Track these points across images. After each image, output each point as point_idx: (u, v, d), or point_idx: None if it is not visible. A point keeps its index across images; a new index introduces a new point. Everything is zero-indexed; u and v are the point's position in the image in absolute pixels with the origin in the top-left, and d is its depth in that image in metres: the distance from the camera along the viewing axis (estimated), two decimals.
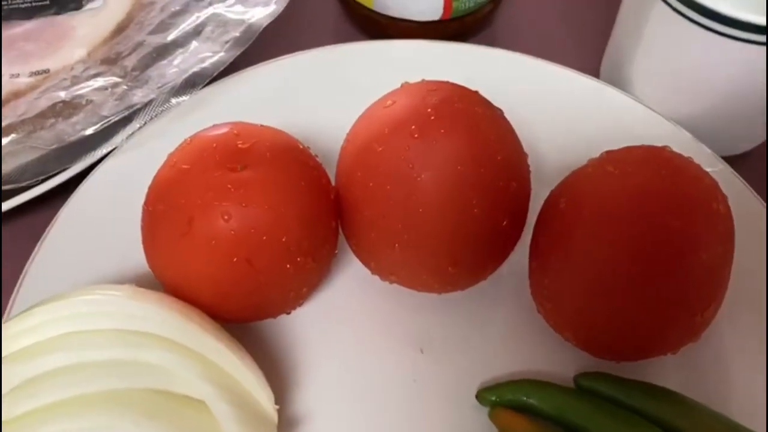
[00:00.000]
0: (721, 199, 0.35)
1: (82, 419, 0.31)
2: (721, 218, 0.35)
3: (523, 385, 0.39)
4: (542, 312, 0.40)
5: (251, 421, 0.34)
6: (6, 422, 0.31)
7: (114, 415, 0.31)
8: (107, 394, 0.32)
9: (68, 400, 0.31)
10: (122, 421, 0.31)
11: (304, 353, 0.41)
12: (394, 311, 0.43)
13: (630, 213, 0.35)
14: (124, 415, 0.31)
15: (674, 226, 0.34)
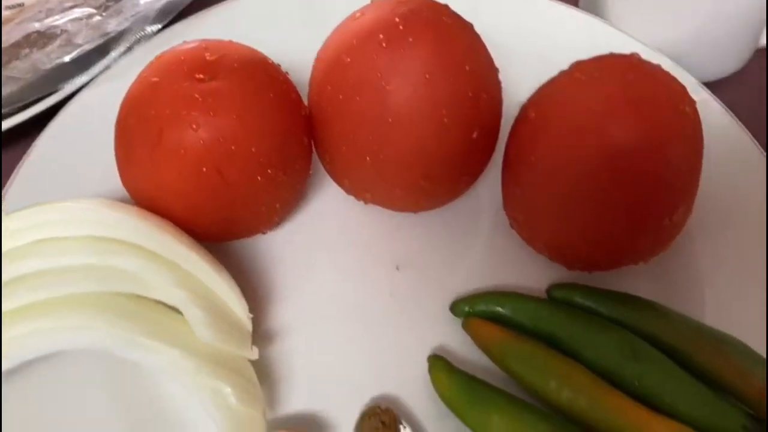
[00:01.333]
0: (689, 102, 0.35)
1: (55, 319, 0.31)
2: (688, 120, 0.35)
3: (495, 295, 0.40)
4: (515, 225, 0.41)
5: (225, 327, 0.34)
6: None
7: (87, 316, 0.31)
8: (80, 297, 0.32)
9: (42, 302, 0.32)
10: (95, 321, 0.31)
11: (281, 272, 0.42)
12: (371, 230, 0.44)
13: (596, 117, 0.35)
14: (97, 316, 0.32)
15: (640, 126, 0.34)
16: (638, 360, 0.36)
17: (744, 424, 0.33)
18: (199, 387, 0.32)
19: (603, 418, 0.34)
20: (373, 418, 0.36)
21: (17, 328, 0.31)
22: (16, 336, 0.31)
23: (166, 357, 0.32)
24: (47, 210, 0.33)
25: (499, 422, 0.34)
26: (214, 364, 0.33)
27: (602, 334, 0.37)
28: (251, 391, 0.34)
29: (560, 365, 0.36)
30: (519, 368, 0.37)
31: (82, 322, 0.31)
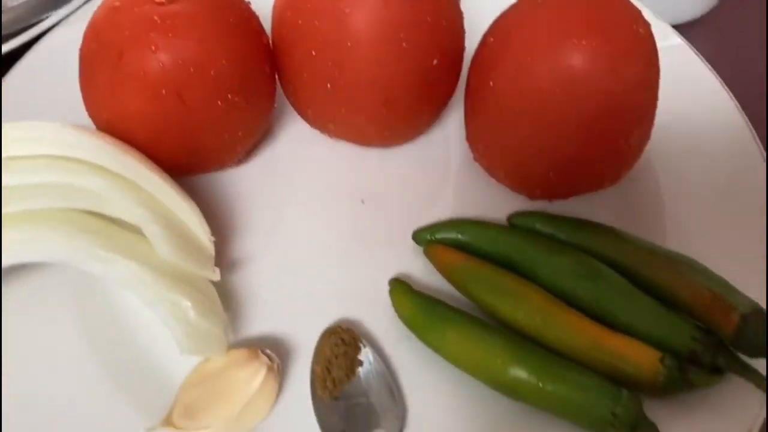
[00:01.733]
0: (643, 24, 0.36)
1: (13, 231, 0.32)
2: (643, 41, 0.36)
3: (456, 223, 0.40)
4: (477, 155, 0.41)
5: (185, 247, 0.35)
6: None
7: (45, 229, 0.32)
8: (39, 212, 0.33)
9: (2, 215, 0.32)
10: (55, 235, 0.32)
11: (247, 205, 0.42)
12: (338, 165, 0.44)
13: (551, 39, 0.35)
14: (57, 230, 0.32)
15: (594, 47, 0.34)
16: (593, 279, 0.36)
17: (694, 336, 0.34)
18: (157, 299, 0.32)
19: (558, 335, 0.35)
20: (333, 336, 0.36)
21: None
22: None
23: (124, 269, 0.32)
24: (11, 128, 0.34)
25: (455, 339, 0.35)
26: (173, 278, 0.33)
27: (559, 256, 0.37)
28: (211, 308, 0.34)
29: (517, 286, 0.37)
30: (478, 290, 0.37)
31: (41, 235, 0.32)
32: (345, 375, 0.35)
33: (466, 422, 0.35)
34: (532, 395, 0.34)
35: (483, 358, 0.34)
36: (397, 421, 0.35)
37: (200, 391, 0.34)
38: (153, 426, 0.32)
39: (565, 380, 0.33)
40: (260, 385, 0.34)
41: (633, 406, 0.32)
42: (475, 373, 0.35)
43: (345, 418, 0.35)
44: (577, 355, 0.34)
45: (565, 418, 0.34)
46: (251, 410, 0.34)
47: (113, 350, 0.36)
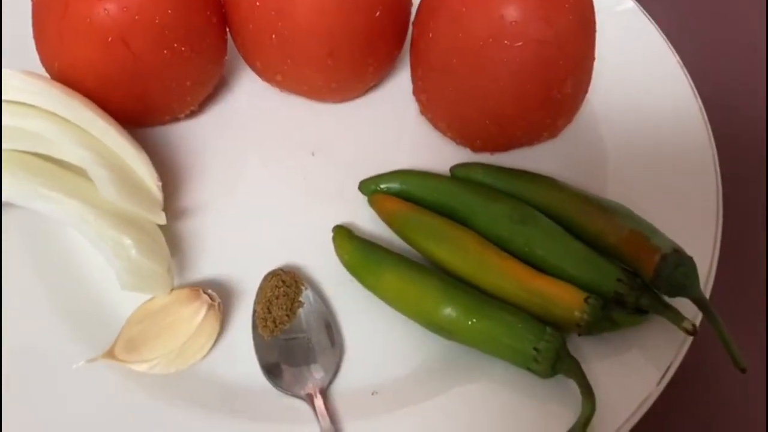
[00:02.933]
0: None
1: None
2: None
3: (400, 174, 0.41)
4: (421, 107, 0.42)
5: (131, 190, 0.36)
6: None
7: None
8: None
9: None
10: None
11: (198, 156, 0.44)
12: (289, 119, 0.45)
13: None
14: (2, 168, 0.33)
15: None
16: (526, 224, 0.38)
17: (619, 278, 0.35)
18: (99, 237, 0.34)
19: (490, 279, 0.36)
20: (274, 278, 0.38)
21: None
22: None
23: (66, 207, 0.33)
24: None
25: (391, 280, 0.37)
26: (117, 218, 0.34)
27: (495, 203, 0.39)
28: (155, 248, 0.36)
29: (455, 232, 0.38)
30: (418, 237, 0.39)
31: None
32: (285, 315, 0.37)
33: (400, 359, 0.37)
34: (462, 333, 0.35)
35: (417, 299, 0.36)
36: (335, 357, 0.36)
37: (143, 327, 0.35)
38: (95, 357, 0.34)
39: (493, 318, 0.34)
40: (201, 322, 0.35)
41: (555, 342, 0.33)
42: (410, 312, 0.36)
43: (283, 354, 0.36)
44: (508, 296, 0.36)
45: (493, 354, 0.35)
46: (192, 346, 0.35)
47: (61, 286, 0.37)
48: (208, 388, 0.36)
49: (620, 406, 0.34)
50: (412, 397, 0.36)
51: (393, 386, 0.36)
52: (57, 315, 0.37)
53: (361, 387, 0.36)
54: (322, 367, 0.36)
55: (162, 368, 0.35)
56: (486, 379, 0.36)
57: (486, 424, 0.34)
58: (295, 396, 0.35)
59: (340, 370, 0.36)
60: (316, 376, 0.36)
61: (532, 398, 0.35)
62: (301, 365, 0.36)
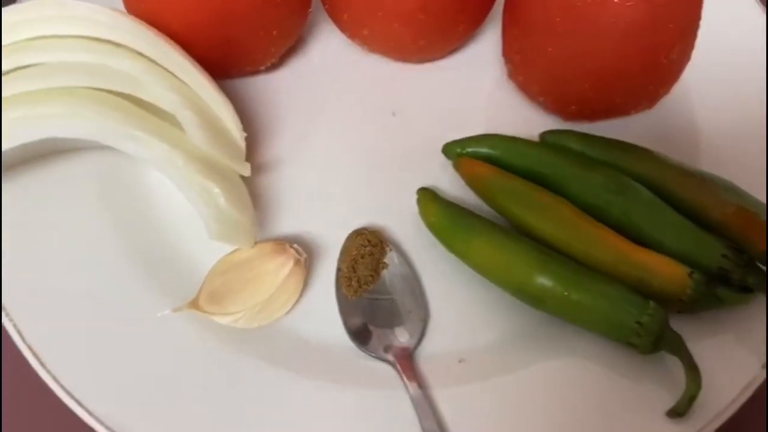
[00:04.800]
0: None
1: (46, 107, 0.32)
2: None
3: (488, 138, 0.40)
4: (512, 70, 0.41)
5: (217, 136, 0.35)
6: None
7: (80, 106, 0.32)
8: (75, 90, 0.33)
9: (35, 91, 0.32)
10: (88, 112, 0.32)
11: (277, 111, 0.42)
12: (370, 78, 0.44)
13: None
14: (90, 107, 0.32)
15: None
16: (624, 195, 0.36)
17: (724, 253, 0.34)
18: (188, 183, 0.33)
19: (585, 249, 0.35)
20: (359, 236, 0.36)
21: (13, 112, 0.31)
22: (13, 119, 0.31)
23: (156, 150, 0.32)
24: (45, 5, 0.34)
25: (481, 246, 0.35)
26: (204, 164, 0.33)
27: (590, 172, 0.37)
28: (241, 199, 0.34)
29: (546, 199, 0.36)
30: (507, 203, 0.37)
31: (75, 111, 0.32)
32: (369, 275, 0.35)
33: (486, 328, 0.36)
34: (557, 304, 0.33)
35: (509, 266, 0.34)
36: (420, 322, 0.35)
37: (227, 279, 0.34)
38: (180, 307, 0.33)
39: (591, 289, 0.33)
40: (287, 276, 0.34)
41: (659, 316, 0.32)
42: (500, 280, 0.35)
43: (367, 315, 0.35)
44: (604, 268, 0.34)
45: (589, 327, 0.33)
46: (276, 302, 0.34)
47: (140, 238, 0.36)
48: (287, 345, 0.35)
49: (724, 389, 0.32)
50: (500, 367, 0.34)
51: (479, 355, 0.35)
52: (136, 266, 0.36)
53: (447, 354, 0.35)
54: (407, 331, 0.35)
55: (245, 322, 0.33)
56: (576, 354, 0.34)
57: (577, 400, 0.33)
58: (379, 358, 0.34)
59: (425, 335, 0.35)
60: (401, 339, 0.34)
61: (624, 375, 0.34)
62: (385, 327, 0.35)
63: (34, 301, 0.34)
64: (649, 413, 0.32)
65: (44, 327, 0.33)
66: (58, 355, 0.32)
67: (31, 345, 0.32)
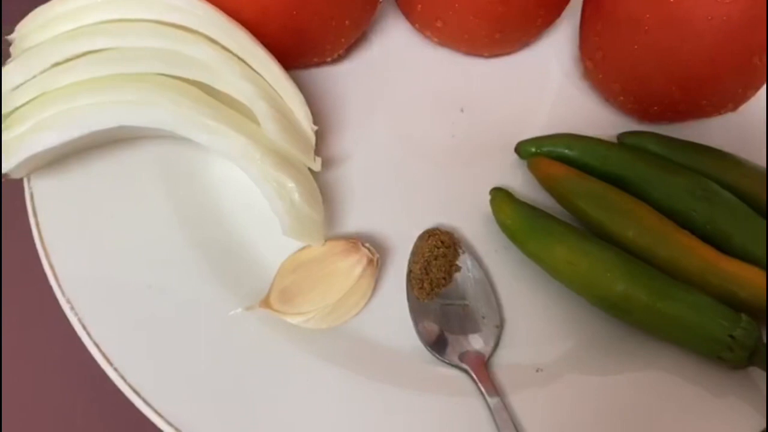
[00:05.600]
0: None
1: (120, 93, 0.30)
2: None
3: (565, 137, 0.38)
4: (590, 69, 0.39)
5: (290, 128, 0.33)
6: (45, 94, 0.31)
7: (150, 93, 0.31)
8: (147, 76, 0.31)
9: (106, 77, 0.31)
10: (161, 99, 0.31)
11: (344, 104, 0.41)
12: (437, 72, 0.42)
13: None
14: (163, 94, 0.31)
15: None
16: (710, 201, 0.34)
17: None
18: (264, 177, 0.31)
19: (670, 256, 0.33)
20: (432, 237, 0.35)
21: (83, 99, 0.30)
22: (83, 106, 0.30)
23: (232, 142, 0.31)
24: None
25: (560, 251, 0.34)
26: (278, 158, 0.32)
27: (674, 176, 0.35)
28: (313, 194, 0.33)
29: (628, 203, 0.35)
30: (585, 206, 0.36)
31: (148, 98, 0.30)
32: (442, 277, 0.34)
33: (564, 336, 0.34)
34: (642, 314, 0.32)
35: (591, 273, 0.33)
36: (495, 329, 0.34)
37: (297, 277, 0.33)
38: (252, 306, 0.31)
39: (680, 300, 0.31)
40: (359, 276, 0.33)
41: (753, 330, 0.30)
42: (580, 287, 0.34)
43: (440, 320, 0.33)
44: (690, 278, 0.33)
45: (675, 340, 0.32)
46: (347, 302, 0.33)
47: (204, 232, 0.35)
48: (356, 348, 0.33)
49: None
50: (579, 378, 0.33)
51: (556, 364, 0.33)
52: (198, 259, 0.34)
53: (523, 362, 0.33)
54: (481, 338, 0.33)
55: (315, 322, 0.32)
56: (659, 366, 0.33)
57: (660, 415, 0.32)
58: (453, 365, 0.32)
59: (500, 342, 0.34)
60: (475, 346, 0.33)
61: (709, 390, 0.32)
62: (458, 334, 0.33)
63: (99, 296, 0.32)
64: (737, 430, 0.31)
65: (109, 323, 0.32)
66: (122, 351, 0.31)
67: (97, 341, 0.31)
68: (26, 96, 0.30)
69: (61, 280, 0.32)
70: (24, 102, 0.31)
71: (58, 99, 0.30)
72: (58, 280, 0.32)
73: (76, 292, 0.32)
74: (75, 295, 0.32)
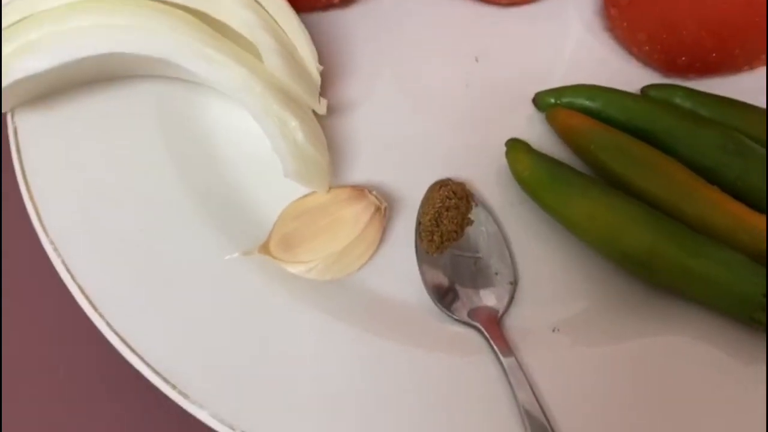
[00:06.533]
0: None
1: (113, 17, 0.28)
2: None
3: (586, 88, 0.36)
4: (615, 13, 0.37)
5: (296, 70, 0.31)
6: (32, 14, 0.28)
7: (148, 18, 0.28)
8: (145, 1, 0.29)
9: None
10: (157, 24, 0.28)
11: (353, 49, 0.38)
12: (451, 18, 0.40)
13: None
14: (160, 19, 0.28)
15: None
16: (742, 156, 0.32)
17: None
18: (265, 112, 0.29)
19: (698, 213, 0.31)
20: (444, 188, 0.33)
21: (73, 21, 0.28)
22: (72, 29, 0.28)
23: (233, 73, 0.29)
24: None
25: (582, 204, 0.31)
26: (281, 94, 0.30)
27: (703, 130, 0.33)
28: (318, 136, 0.31)
29: (654, 157, 0.33)
30: (609, 159, 0.33)
31: (143, 23, 0.28)
32: (454, 230, 0.32)
33: (582, 295, 0.32)
34: (669, 273, 0.30)
35: (615, 228, 0.31)
36: (508, 285, 0.31)
37: (299, 224, 0.31)
38: (249, 250, 0.29)
39: (710, 257, 0.29)
40: (366, 225, 0.30)
41: None
42: (602, 243, 0.31)
43: (450, 272, 0.31)
44: (719, 235, 0.30)
45: (705, 300, 0.30)
46: (352, 253, 0.31)
47: (202, 176, 0.33)
48: (360, 301, 0.31)
49: None
50: (598, 339, 0.31)
51: (574, 324, 0.31)
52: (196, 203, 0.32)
53: (538, 321, 0.31)
54: (494, 294, 0.31)
55: (318, 273, 0.30)
56: (684, 330, 0.31)
57: (686, 381, 0.29)
58: (464, 322, 0.30)
59: (514, 300, 0.31)
60: (487, 302, 0.31)
61: (737, 357, 0.30)
62: (469, 288, 0.31)
63: (86, 239, 0.30)
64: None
65: (96, 267, 0.30)
66: (110, 297, 0.29)
67: (83, 286, 0.29)
68: (11, 16, 0.28)
69: (45, 221, 0.30)
70: (9, 23, 0.28)
71: (47, 20, 0.28)
72: (41, 221, 0.30)
73: (61, 234, 0.30)
74: (60, 238, 0.30)
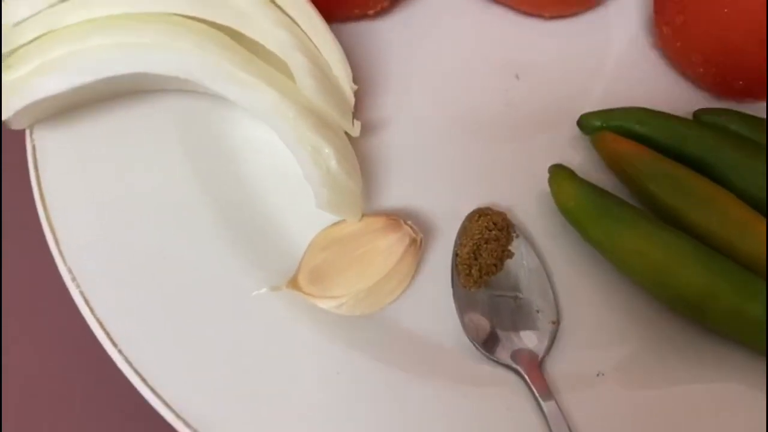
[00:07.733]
0: None
1: (136, 35, 0.26)
2: None
3: (636, 111, 0.34)
4: (668, 32, 0.35)
5: (327, 86, 0.29)
6: (52, 31, 0.27)
7: (174, 36, 0.27)
8: (169, 17, 0.27)
9: (123, 15, 0.27)
10: (184, 43, 0.27)
11: (386, 64, 0.36)
12: (491, 33, 0.38)
13: None
14: (187, 37, 0.27)
15: None
16: None
17: None
18: (298, 139, 0.27)
19: (755, 252, 0.29)
20: (484, 218, 0.31)
21: (95, 39, 0.26)
22: (94, 47, 0.26)
23: (265, 97, 0.27)
24: None
25: (630, 239, 0.29)
26: (315, 119, 0.28)
27: (759, 160, 0.31)
28: (352, 162, 0.29)
29: (709, 189, 0.31)
30: (658, 190, 0.31)
31: (169, 41, 0.26)
32: (493, 264, 0.30)
33: (627, 339, 0.30)
34: (723, 316, 0.28)
35: (665, 267, 0.29)
36: (550, 325, 0.30)
37: (329, 255, 0.29)
38: (278, 286, 0.27)
39: None
40: (400, 258, 0.29)
41: None
42: (650, 282, 0.30)
43: (489, 312, 0.29)
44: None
45: (759, 348, 0.28)
46: (385, 287, 0.29)
47: (226, 200, 0.31)
48: (392, 338, 0.30)
49: None
50: (643, 385, 0.29)
51: (618, 368, 0.29)
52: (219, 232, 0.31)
53: (581, 364, 0.29)
54: (535, 335, 0.29)
55: (349, 308, 0.28)
56: (736, 378, 0.29)
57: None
58: (503, 364, 0.28)
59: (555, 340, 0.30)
60: (528, 344, 0.29)
61: None
62: (509, 330, 0.29)
63: (105, 266, 0.29)
64: None
65: (114, 296, 0.28)
66: (128, 330, 0.28)
67: (101, 318, 0.27)
68: (31, 33, 0.27)
69: (63, 245, 0.29)
70: (28, 40, 0.27)
71: (67, 38, 0.26)
72: (59, 245, 0.29)
73: (79, 261, 0.29)
74: (78, 264, 0.29)
